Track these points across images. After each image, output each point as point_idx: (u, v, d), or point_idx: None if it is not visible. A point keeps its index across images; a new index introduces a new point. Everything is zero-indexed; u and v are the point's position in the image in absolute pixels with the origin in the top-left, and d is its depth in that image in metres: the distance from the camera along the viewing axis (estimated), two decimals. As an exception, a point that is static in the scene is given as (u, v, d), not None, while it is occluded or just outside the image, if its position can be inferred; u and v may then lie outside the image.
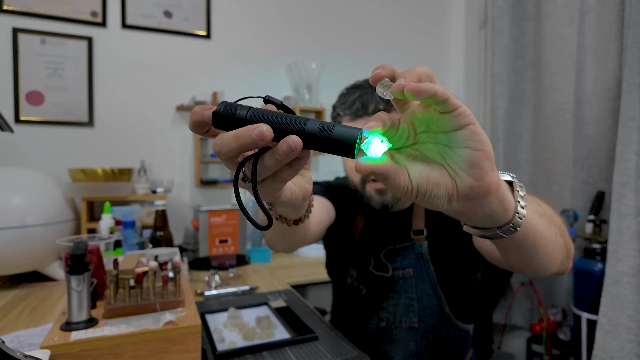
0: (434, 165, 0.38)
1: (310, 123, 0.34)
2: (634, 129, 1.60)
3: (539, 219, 0.50)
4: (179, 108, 2.03)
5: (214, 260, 1.43)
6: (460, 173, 0.37)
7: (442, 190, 0.38)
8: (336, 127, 0.34)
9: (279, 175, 0.38)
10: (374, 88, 0.92)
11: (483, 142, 0.36)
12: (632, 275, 1.59)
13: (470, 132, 0.35)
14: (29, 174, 1.42)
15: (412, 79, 0.34)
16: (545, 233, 0.52)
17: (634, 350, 1.58)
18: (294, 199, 0.45)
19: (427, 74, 0.36)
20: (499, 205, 0.41)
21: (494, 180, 0.38)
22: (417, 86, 0.33)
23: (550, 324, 2.05)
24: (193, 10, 2.08)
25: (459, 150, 0.36)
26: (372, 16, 2.54)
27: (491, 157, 0.37)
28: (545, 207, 0.58)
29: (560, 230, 0.57)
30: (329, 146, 0.34)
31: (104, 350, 0.65)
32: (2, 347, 0.49)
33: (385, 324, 1.02)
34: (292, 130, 0.34)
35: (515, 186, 0.45)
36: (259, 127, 0.33)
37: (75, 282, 0.68)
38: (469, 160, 0.36)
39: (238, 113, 0.35)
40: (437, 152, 0.38)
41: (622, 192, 1.62)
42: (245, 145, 0.33)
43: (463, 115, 0.35)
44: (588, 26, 1.93)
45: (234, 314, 1.08)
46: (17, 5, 1.76)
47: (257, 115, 0.35)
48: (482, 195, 0.38)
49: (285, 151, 0.33)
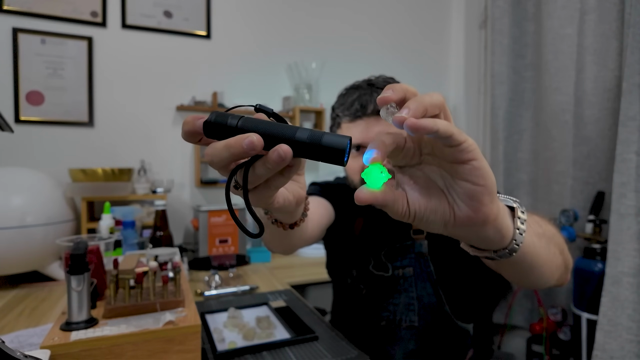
0: (434, 190, 0.39)
1: (300, 131, 0.34)
2: (634, 129, 1.60)
3: (537, 241, 0.51)
4: (179, 108, 2.03)
5: (214, 260, 1.43)
6: (459, 202, 0.38)
7: (438, 217, 0.39)
8: (326, 135, 0.34)
9: (271, 182, 0.38)
10: (373, 89, 0.92)
11: (485, 177, 0.36)
12: (632, 275, 1.59)
13: (473, 167, 0.36)
14: (29, 174, 1.43)
15: (417, 112, 0.33)
16: (543, 254, 0.52)
17: (634, 350, 1.58)
18: (287, 205, 0.45)
19: (436, 105, 0.35)
20: (496, 233, 0.42)
21: (492, 212, 0.39)
22: (417, 123, 0.32)
23: (550, 324, 2.05)
24: (193, 10, 2.08)
25: (460, 182, 0.37)
26: (372, 16, 2.54)
27: (492, 191, 0.38)
28: (547, 226, 0.58)
29: (560, 249, 0.58)
30: (319, 154, 0.34)
31: (104, 350, 0.64)
32: (2, 347, 0.49)
33: (386, 323, 1.02)
34: (282, 138, 0.34)
35: (517, 212, 0.45)
36: (249, 137, 0.33)
37: (75, 282, 0.68)
38: (469, 194, 0.37)
39: (229, 122, 0.35)
40: (440, 177, 0.39)
41: (622, 192, 1.62)
42: (236, 154, 0.34)
43: (466, 151, 0.35)
44: (588, 26, 1.93)
45: (234, 314, 1.08)
46: (17, 5, 1.76)
47: (248, 124, 0.35)
48: (478, 225, 0.39)
49: (275, 160, 0.34)
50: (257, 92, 2.25)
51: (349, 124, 0.94)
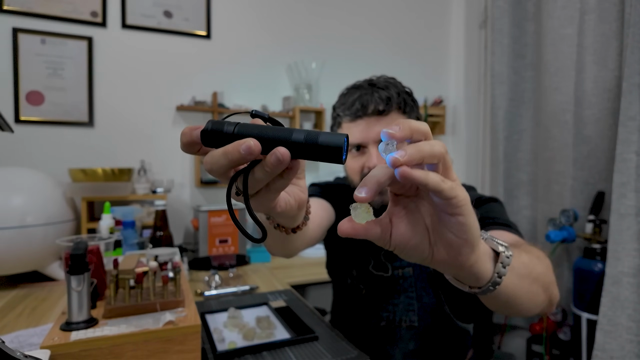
0: (419, 228, 0.40)
1: (296, 133, 0.35)
2: (634, 129, 1.60)
3: (519, 282, 0.50)
4: (179, 108, 2.03)
5: (214, 260, 1.43)
6: (439, 245, 0.39)
7: (417, 253, 0.40)
8: (322, 134, 0.34)
9: (272, 186, 0.38)
10: (374, 89, 0.93)
11: (467, 232, 0.37)
12: (632, 276, 1.59)
13: (458, 222, 0.36)
14: (29, 174, 1.43)
15: (412, 159, 0.33)
16: (523, 294, 0.52)
17: (634, 351, 1.58)
18: (289, 209, 0.45)
19: (435, 156, 0.35)
20: (471, 276, 0.43)
21: (469, 261, 0.40)
22: (407, 172, 0.33)
23: (550, 324, 2.05)
24: (193, 10, 2.09)
25: (444, 229, 0.38)
26: (372, 16, 2.55)
27: (472, 244, 0.38)
28: (535, 263, 0.57)
29: (544, 287, 0.57)
30: (317, 153, 0.35)
31: (104, 350, 0.64)
32: (2, 347, 0.49)
33: (385, 323, 1.03)
34: (279, 141, 0.34)
35: (501, 257, 0.45)
36: (246, 142, 0.33)
37: (75, 282, 0.68)
38: (449, 242, 0.38)
39: (225, 129, 0.35)
40: (429, 215, 0.40)
41: (622, 192, 1.63)
42: (235, 160, 0.34)
43: (455, 206, 0.35)
44: (588, 26, 1.93)
45: (234, 314, 1.08)
46: (17, 5, 1.76)
47: (244, 129, 0.35)
48: (454, 268, 0.41)
49: (274, 163, 0.34)
50: (257, 92, 2.25)
51: (350, 123, 0.94)
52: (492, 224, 0.82)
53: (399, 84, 0.96)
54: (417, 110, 0.99)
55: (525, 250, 0.58)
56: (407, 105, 0.94)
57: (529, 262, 0.54)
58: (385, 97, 0.91)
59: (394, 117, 0.92)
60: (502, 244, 0.46)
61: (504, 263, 0.45)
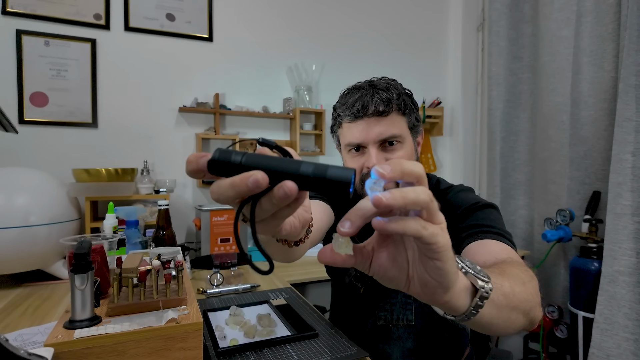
0: (399, 260, 0.41)
1: (304, 166, 0.34)
2: (630, 129, 1.62)
3: (497, 312, 0.50)
4: (182, 109, 2.04)
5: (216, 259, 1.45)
6: (415, 281, 0.41)
7: (394, 283, 0.42)
8: (330, 168, 0.34)
9: (278, 214, 0.38)
10: (374, 90, 0.94)
11: (443, 277, 0.38)
12: (628, 274, 1.61)
13: (435, 267, 0.38)
14: (33, 174, 1.43)
15: (395, 204, 0.34)
16: (500, 322, 0.52)
17: (630, 349, 1.59)
18: (293, 231, 0.45)
19: (418, 204, 0.35)
20: (446, 309, 0.45)
21: (443, 299, 0.42)
22: (383, 225, 0.35)
23: (547, 322, 2.06)
24: (195, 13, 2.10)
25: (422, 269, 0.40)
26: (371, 19, 2.56)
27: (447, 287, 0.40)
28: (518, 291, 0.55)
29: (525, 312, 0.56)
30: (324, 187, 0.34)
31: (107, 348, 0.65)
32: (5, 345, 0.50)
33: (384, 322, 1.04)
34: (286, 174, 0.34)
35: (480, 293, 0.46)
36: (254, 176, 0.33)
37: (78, 280, 0.68)
38: (425, 282, 0.40)
39: (232, 159, 0.35)
40: (412, 249, 0.41)
41: (618, 192, 1.64)
42: (242, 192, 0.34)
43: (434, 252, 0.36)
44: (585, 28, 1.94)
45: (235, 312, 1.09)
46: (20, 8, 1.78)
47: (252, 160, 0.35)
48: (428, 302, 0.43)
49: (281, 197, 0.34)
50: (258, 93, 2.26)
51: (350, 123, 0.95)
52: (486, 232, 0.82)
53: (399, 86, 0.97)
54: (417, 111, 1.00)
55: (511, 275, 0.57)
56: (407, 106, 0.95)
57: (510, 291, 0.53)
58: (386, 98, 0.92)
59: (394, 118, 0.93)
60: (482, 278, 0.46)
61: (482, 297, 0.46)
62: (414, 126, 0.98)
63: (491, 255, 0.71)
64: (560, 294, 2.13)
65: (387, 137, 0.91)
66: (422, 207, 0.35)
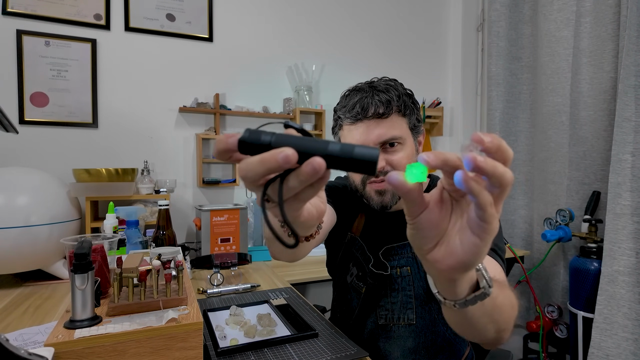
0: (442, 225, 0.42)
1: (331, 145, 0.35)
2: (630, 130, 1.62)
3: (479, 316, 0.52)
4: (182, 109, 2.05)
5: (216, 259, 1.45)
6: (442, 248, 0.42)
7: (422, 241, 0.42)
8: (357, 147, 0.35)
9: (300, 195, 0.39)
10: (374, 92, 0.94)
11: (472, 255, 0.39)
12: (628, 274, 1.61)
13: (473, 243, 0.38)
14: (34, 174, 1.44)
15: (487, 168, 0.34)
16: (477, 326, 0.54)
17: (629, 348, 1.60)
18: (310, 218, 0.46)
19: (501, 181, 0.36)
20: (445, 287, 0.47)
21: (454, 276, 0.43)
22: (466, 179, 0.35)
23: (546, 321, 2.07)
24: (195, 13, 2.11)
25: (456, 240, 0.40)
26: (371, 20, 2.56)
27: (467, 267, 0.40)
28: (503, 311, 0.58)
29: (498, 329, 0.59)
30: (351, 165, 0.35)
31: (107, 347, 0.65)
32: (6, 345, 0.50)
33: (384, 321, 1.04)
34: (314, 152, 0.35)
35: (478, 292, 0.48)
36: (284, 151, 0.34)
37: (79, 280, 0.68)
38: (451, 252, 0.41)
39: (262, 139, 0.36)
40: (459, 221, 0.41)
41: (617, 192, 1.64)
42: (271, 168, 0.35)
43: (483, 229, 0.37)
44: (584, 29, 1.95)
45: (235, 312, 1.10)
46: (21, 8, 1.78)
47: (281, 140, 0.36)
48: (436, 272, 0.44)
49: (309, 172, 0.34)
50: (259, 93, 2.27)
51: (350, 125, 0.96)
52: None
53: (399, 86, 0.97)
54: (418, 112, 1.00)
55: (506, 294, 0.59)
56: (407, 107, 0.95)
57: (500, 305, 0.55)
58: (385, 100, 0.92)
59: (394, 119, 0.94)
60: (488, 281, 0.48)
61: (477, 297, 0.48)
62: (414, 126, 0.98)
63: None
64: (559, 294, 2.13)
65: (388, 139, 0.92)
66: (502, 187, 0.36)
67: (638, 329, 1.59)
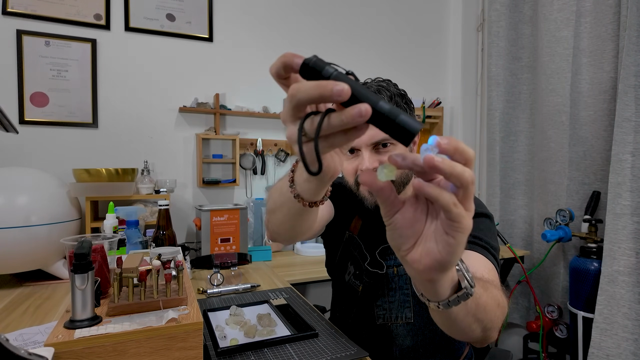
0: (418, 225, 0.42)
1: (382, 102, 0.36)
2: (630, 130, 1.62)
3: (463, 316, 0.53)
4: (182, 109, 2.05)
5: (216, 259, 1.45)
6: (419, 249, 0.42)
7: (400, 241, 0.43)
8: (403, 114, 0.36)
9: (331, 139, 0.40)
10: None
11: (448, 255, 0.40)
12: (628, 274, 1.61)
13: (447, 243, 0.39)
14: (34, 174, 1.44)
15: (443, 168, 0.36)
16: (462, 325, 0.55)
17: (629, 348, 1.60)
18: (327, 170, 0.47)
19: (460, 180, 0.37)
20: (426, 288, 0.48)
21: (432, 277, 0.44)
22: (423, 186, 0.37)
23: (546, 321, 2.07)
24: (195, 13, 2.11)
25: (432, 240, 0.41)
26: (371, 20, 2.56)
27: (445, 267, 0.41)
28: (489, 310, 0.58)
29: (484, 328, 0.59)
30: (391, 128, 0.36)
31: (107, 347, 0.65)
32: (6, 345, 0.50)
33: (382, 320, 1.04)
34: (366, 101, 0.36)
35: (460, 292, 0.49)
36: (340, 85, 0.34)
37: (79, 280, 0.68)
38: (428, 253, 0.41)
39: (325, 69, 0.37)
40: (434, 223, 0.41)
41: (617, 192, 1.64)
42: (323, 96, 0.35)
43: (454, 229, 0.38)
44: (584, 29, 1.95)
45: (235, 312, 1.10)
46: (21, 8, 1.78)
47: (341, 77, 0.37)
48: (415, 274, 0.44)
49: (354, 115, 0.35)
50: (258, 93, 2.27)
51: None
52: (470, 243, 0.83)
53: (392, 87, 0.97)
54: (412, 112, 1.00)
55: (491, 293, 0.59)
56: (399, 107, 0.95)
57: (483, 305, 0.55)
58: None
59: None
60: (469, 281, 0.49)
61: (459, 297, 0.48)
62: None
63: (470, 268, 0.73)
64: (559, 294, 2.13)
65: (379, 140, 0.92)
66: (462, 185, 0.37)
67: (638, 329, 1.59)
